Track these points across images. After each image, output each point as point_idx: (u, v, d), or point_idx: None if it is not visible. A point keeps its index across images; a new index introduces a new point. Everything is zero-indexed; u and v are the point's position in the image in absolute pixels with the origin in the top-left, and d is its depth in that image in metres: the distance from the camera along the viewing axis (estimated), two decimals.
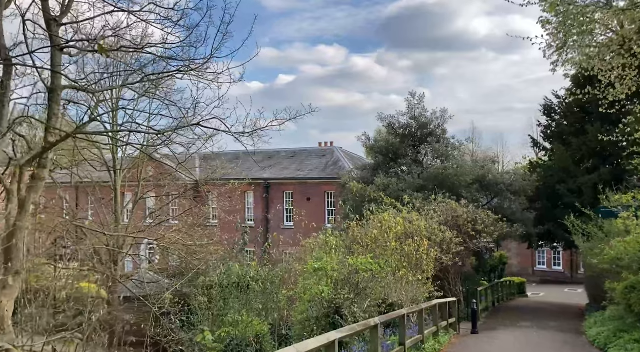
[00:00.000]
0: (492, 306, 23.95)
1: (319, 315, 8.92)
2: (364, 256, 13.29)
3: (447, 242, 17.93)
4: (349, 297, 9.06)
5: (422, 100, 25.00)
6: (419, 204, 19.30)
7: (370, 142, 25.56)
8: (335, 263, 10.00)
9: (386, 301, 13.38)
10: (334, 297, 8.94)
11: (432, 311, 13.68)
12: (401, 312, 9.67)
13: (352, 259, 9.82)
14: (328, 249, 12.36)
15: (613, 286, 13.88)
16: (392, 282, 13.61)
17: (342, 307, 8.89)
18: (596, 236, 17.67)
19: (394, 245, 12.95)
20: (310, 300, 9.01)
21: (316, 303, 8.96)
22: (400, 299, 13.43)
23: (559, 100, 26.42)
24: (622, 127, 21.09)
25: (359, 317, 8.94)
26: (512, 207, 22.88)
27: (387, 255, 13.33)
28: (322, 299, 8.88)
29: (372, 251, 12.59)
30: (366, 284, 9.92)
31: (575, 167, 24.25)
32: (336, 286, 9.40)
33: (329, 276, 9.40)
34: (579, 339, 15.67)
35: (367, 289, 9.97)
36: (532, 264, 44.74)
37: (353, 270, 9.62)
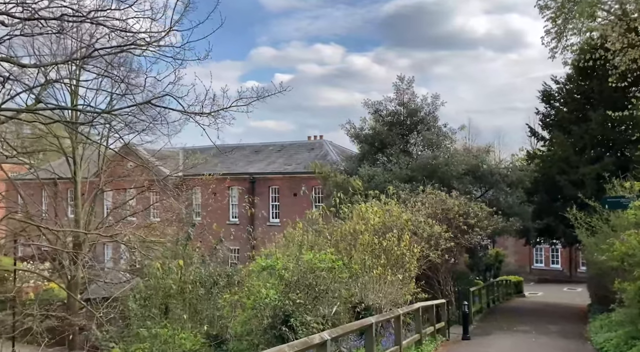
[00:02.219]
0: (487, 307, 22.11)
1: (263, 326, 7.04)
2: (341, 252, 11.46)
3: (436, 237, 16.07)
4: (301, 302, 7.17)
5: (411, 85, 23.13)
6: (404, 195, 17.43)
7: (354, 130, 23.64)
8: (288, 260, 8.13)
9: (362, 304, 11.62)
10: (283, 303, 7.06)
11: (415, 316, 11.81)
12: (366, 322, 7.79)
13: (307, 254, 7.94)
14: (296, 245, 10.55)
15: (623, 286, 12.02)
16: (368, 282, 11.78)
17: (292, 316, 7.01)
18: (601, 230, 15.83)
19: (367, 239, 11.06)
20: (254, 307, 7.13)
21: (260, 310, 7.08)
22: (377, 301, 11.61)
23: (559, 87, 24.59)
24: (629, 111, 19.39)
25: (312, 328, 7.06)
26: (509, 200, 21.02)
27: (361, 251, 11.48)
28: (265, 306, 7.00)
29: (346, 247, 10.75)
30: (327, 285, 8.03)
31: (577, 157, 22.42)
32: (288, 289, 7.52)
33: (279, 276, 7.51)
34: (584, 346, 13.83)
35: (328, 291, 8.08)
36: (529, 262, 42.99)
37: (309, 268, 7.73)
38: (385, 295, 11.97)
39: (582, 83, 23.13)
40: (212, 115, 13.40)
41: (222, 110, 13.18)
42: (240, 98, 12.83)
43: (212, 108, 13.03)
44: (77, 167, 20.64)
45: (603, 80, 22.50)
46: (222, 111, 13.24)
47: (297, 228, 11.84)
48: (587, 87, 22.81)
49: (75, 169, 20.61)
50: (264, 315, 7.03)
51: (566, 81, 23.75)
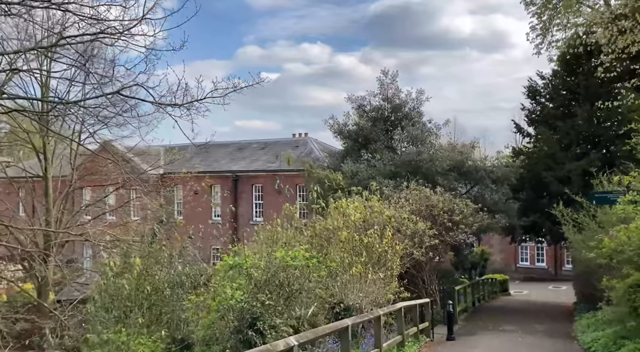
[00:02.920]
0: (472, 306, 21.69)
1: (229, 330, 6.43)
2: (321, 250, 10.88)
3: (420, 234, 15.57)
4: (270, 303, 6.55)
5: (395, 80, 22.61)
6: (387, 192, 16.90)
7: (338, 126, 23.06)
8: (260, 258, 7.51)
9: (341, 304, 11.05)
10: (250, 305, 6.45)
11: (398, 316, 11.27)
12: (341, 324, 7.21)
13: (279, 251, 7.33)
14: (270, 242, 9.95)
15: (612, 283, 11.60)
16: (348, 281, 11.21)
17: (261, 318, 6.40)
18: (588, 227, 15.46)
19: (345, 235, 10.49)
20: (218, 309, 6.50)
21: (224, 313, 6.46)
22: (357, 301, 11.04)
23: (545, 82, 24.27)
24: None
25: (283, 331, 6.46)
26: (494, 197, 20.61)
27: (339, 248, 10.91)
28: (230, 308, 6.38)
29: (322, 244, 10.17)
30: (301, 284, 7.43)
31: (563, 153, 22.11)
32: (257, 289, 6.90)
33: (247, 275, 6.89)
34: (572, 346, 13.41)
35: (302, 291, 7.48)
36: (515, 261, 42.86)
37: (280, 267, 7.12)
38: (367, 294, 11.42)
39: (567, 79, 22.84)
40: (185, 107, 12.76)
41: (195, 101, 12.58)
42: (215, 89, 12.13)
43: (184, 99, 12.41)
44: (48, 163, 19.75)
45: (589, 75, 22.22)
46: (196, 103, 12.68)
47: (274, 225, 11.28)
48: (573, 83, 22.52)
49: (46, 166, 19.72)
50: (228, 318, 6.40)
51: (552, 77, 23.43)
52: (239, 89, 12.57)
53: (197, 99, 12.63)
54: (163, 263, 8.35)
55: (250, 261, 7.12)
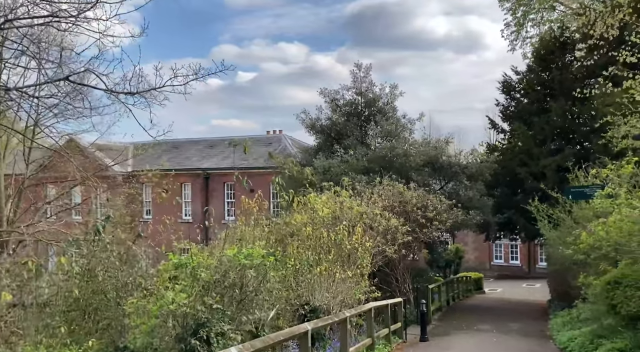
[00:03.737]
0: (447, 305, 21.26)
1: (171, 337, 5.62)
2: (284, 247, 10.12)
3: (392, 231, 14.95)
4: (219, 307, 5.77)
5: (368, 73, 22.00)
6: (359, 187, 16.24)
7: (310, 120, 22.32)
8: (211, 257, 6.71)
9: (308, 305, 10.32)
10: (195, 310, 5.65)
11: (367, 317, 10.59)
12: (298, 330, 6.46)
13: (231, 249, 6.54)
14: (238, 241, 9.15)
15: (589, 280, 11.18)
16: (315, 280, 10.48)
17: (207, 325, 5.61)
18: (564, 223, 15.09)
19: (309, 231, 9.75)
20: (159, 315, 5.69)
21: (165, 318, 5.64)
22: (324, 302, 10.33)
23: (519, 78, 24.01)
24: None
25: (231, 339, 5.68)
26: (469, 193, 20.18)
27: (303, 245, 10.18)
28: (170, 313, 5.57)
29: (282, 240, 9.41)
30: (257, 285, 6.66)
31: (538, 149, 21.85)
32: (205, 291, 6.10)
33: (193, 276, 6.08)
34: (547, 345, 12.97)
35: (258, 293, 6.71)
36: (489, 259, 42.90)
37: (231, 266, 6.34)
38: (335, 295, 10.71)
39: (542, 74, 22.63)
40: (141, 96, 11.86)
41: (153, 90, 11.68)
42: (174, 76, 11.29)
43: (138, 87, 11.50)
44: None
45: (563, 70, 22.06)
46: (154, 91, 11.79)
47: (238, 221, 10.50)
48: (547, 78, 22.31)
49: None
50: (169, 324, 5.58)
51: (527, 72, 23.19)
52: (202, 77, 11.78)
53: (154, 87, 11.76)
54: (106, 263, 7.44)
55: (198, 259, 6.31)
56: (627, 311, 9.09)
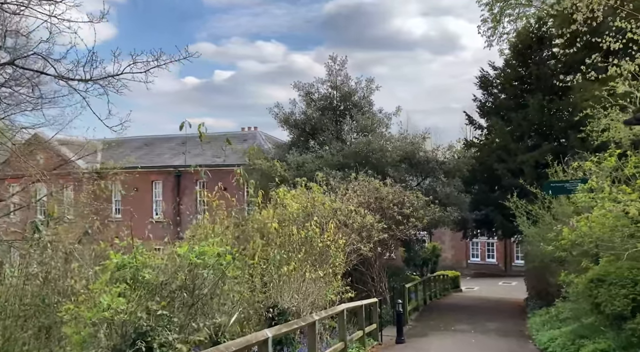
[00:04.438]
0: (424, 304, 20.77)
1: (101, 351, 4.81)
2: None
3: (368, 228, 14.33)
4: (164, 314, 4.99)
5: (344, 66, 21.32)
6: (333, 183, 15.57)
7: (284, 115, 21.54)
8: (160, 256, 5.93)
9: (276, 308, 9.59)
10: (136, 317, 4.87)
11: (339, 319, 9.90)
12: (255, 338, 5.72)
13: (182, 247, 5.76)
14: (205, 239, 8.36)
15: (570, 278, 10.72)
16: (284, 280, 9.76)
17: (149, 334, 4.82)
18: (543, 220, 14.71)
19: (274, 227, 9.01)
20: (95, 323, 4.88)
21: (100, 327, 4.84)
22: (294, 304, 9.61)
23: (497, 73, 23.69)
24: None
25: (178, 350, 4.90)
26: (446, 190, 19.71)
27: (274, 243, 9.46)
28: (104, 321, 4.77)
29: (246, 237, 8.64)
30: (213, 287, 5.90)
31: (515, 145, 21.53)
32: (151, 295, 5.31)
33: (133, 278, 5.29)
34: (527, 346, 12.51)
35: (213, 296, 5.95)
36: (466, 257, 42.80)
37: (180, 266, 5.56)
38: (306, 296, 10.00)
39: (519, 69, 22.32)
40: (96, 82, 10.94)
41: (110, 77, 10.79)
42: (133, 63, 10.43)
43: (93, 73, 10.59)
44: None
45: (541, 65, 21.79)
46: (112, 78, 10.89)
47: (202, 218, 9.70)
48: (525, 73, 22.01)
49: None
50: (100, 334, 4.78)
51: (504, 67, 22.87)
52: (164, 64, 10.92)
53: (112, 74, 10.86)
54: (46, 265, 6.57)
55: (143, 259, 5.51)
56: (612, 310, 8.61)
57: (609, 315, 8.81)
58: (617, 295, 8.72)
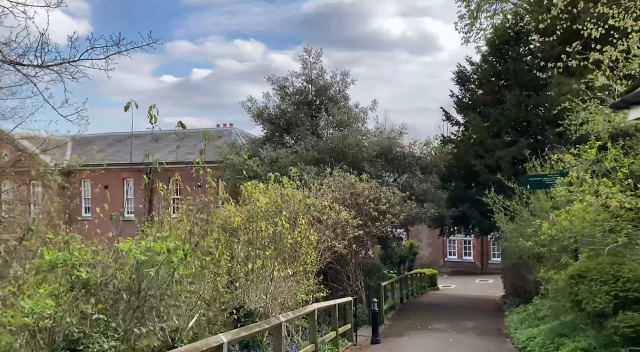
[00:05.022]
0: (401, 303, 20.36)
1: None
2: None
3: (343, 224, 13.82)
4: (101, 318, 4.33)
5: (319, 59, 20.77)
6: (307, 177, 15.02)
7: (257, 109, 20.85)
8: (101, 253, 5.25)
9: (242, 309, 9.00)
10: (66, 322, 4.20)
11: (310, 321, 9.33)
12: (209, 344, 5.10)
13: (125, 243, 5.11)
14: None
15: (549, 275, 10.37)
16: (251, 279, 9.18)
17: (82, 342, 4.16)
18: (520, 215, 14.41)
19: (237, 222, 8.40)
20: (19, 327, 4.19)
21: (21, 334, 4.16)
22: (261, 305, 9.02)
23: (474, 68, 23.44)
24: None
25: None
26: (423, 186, 19.33)
27: (242, 240, 8.85)
28: (25, 327, 4.09)
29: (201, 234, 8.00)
30: (164, 287, 5.25)
31: (493, 141, 21.30)
32: (88, 296, 4.65)
33: (66, 276, 4.62)
34: (505, 345, 12.14)
35: (163, 297, 5.30)
36: (443, 255, 42.76)
37: (125, 264, 4.91)
38: (275, 296, 9.42)
39: (497, 64, 22.10)
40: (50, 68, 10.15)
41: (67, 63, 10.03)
42: (91, 48, 9.67)
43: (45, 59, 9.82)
44: None
45: (518, 60, 21.61)
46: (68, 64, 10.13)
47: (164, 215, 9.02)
48: (502, 68, 21.79)
49: None
50: (20, 343, 4.11)
51: (481, 62, 22.62)
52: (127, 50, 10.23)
53: (69, 60, 10.10)
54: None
55: (81, 256, 4.84)
56: (593, 307, 8.24)
57: (590, 313, 8.44)
58: (598, 291, 8.35)
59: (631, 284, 8.20)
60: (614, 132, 11.39)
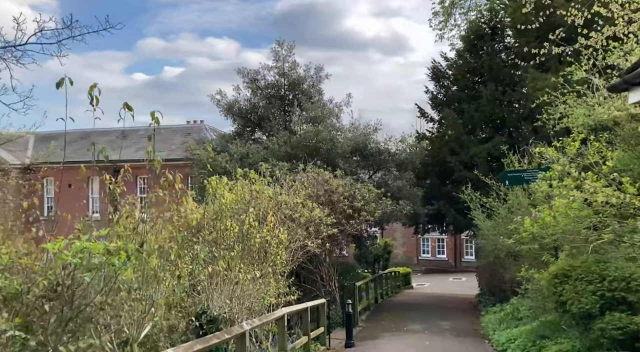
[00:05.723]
0: (375, 303, 19.86)
1: None
2: None
3: (316, 222, 13.16)
4: (18, 336, 3.55)
5: (292, 51, 20.05)
6: (279, 173, 14.29)
7: (227, 103, 19.98)
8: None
9: (205, 315, 8.26)
10: None
11: (279, 327, 8.64)
12: None
13: (53, 243, 4.32)
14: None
15: (530, 273, 9.94)
16: (218, 282, 8.44)
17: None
18: (498, 212, 14.04)
19: (197, 218, 7.66)
20: None
21: None
22: (226, 310, 8.28)
23: (448, 64, 23.11)
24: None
25: None
26: (398, 183, 18.85)
27: (206, 240, 8.10)
28: None
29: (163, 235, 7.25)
30: (104, 295, 4.48)
31: (468, 137, 21.00)
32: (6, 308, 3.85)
33: None
34: (483, 347, 11.71)
35: (104, 307, 4.53)
36: (417, 253, 42.62)
37: (54, 268, 4.13)
38: (241, 300, 8.68)
39: (472, 60, 21.80)
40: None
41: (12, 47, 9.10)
42: (40, 30, 8.77)
43: None
44: None
45: (493, 56, 21.36)
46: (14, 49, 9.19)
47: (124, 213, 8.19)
48: (477, 64, 21.50)
49: None
50: None
51: (456, 57, 22.29)
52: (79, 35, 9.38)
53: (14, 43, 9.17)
54: None
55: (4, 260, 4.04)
56: (579, 309, 7.80)
57: (576, 314, 8.01)
58: (584, 291, 7.93)
59: (618, 283, 7.80)
60: (594, 126, 11.08)
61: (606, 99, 11.48)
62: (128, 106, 5.53)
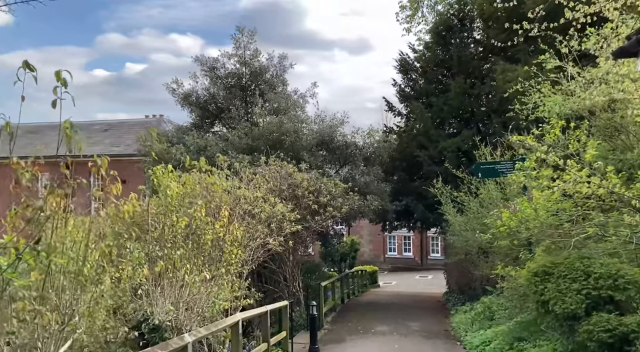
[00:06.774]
0: (342, 303, 19.01)
1: None
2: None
3: (279, 218, 12.20)
4: None
5: (253, 38, 18.95)
6: (239, 166, 13.25)
7: (183, 92, 18.72)
8: None
9: (148, 322, 7.19)
10: None
11: (234, 334, 7.62)
12: None
13: None
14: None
15: (507, 271, 9.26)
16: (163, 286, 7.37)
17: None
18: (469, 207, 13.43)
19: (132, 212, 6.57)
20: None
21: None
22: (171, 317, 7.22)
23: (416, 56, 22.50)
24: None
25: None
26: (365, 178, 18.07)
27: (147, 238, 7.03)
28: None
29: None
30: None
31: (437, 131, 20.41)
32: None
33: None
34: (455, 350, 11.00)
35: None
36: (383, 251, 42.17)
37: None
38: (189, 305, 7.63)
39: (440, 52, 21.24)
40: None
41: None
42: None
43: None
44: None
45: (462, 48, 20.86)
46: None
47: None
48: (446, 57, 20.95)
49: None
50: None
51: (424, 49, 21.67)
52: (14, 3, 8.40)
53: None
54: None
55: None
56: (563, 309, 7.12)
57: (560, 315, 7.32)
58: (567, 290, 7.24)
59: (604, 281, 7.14)
60: (570, 115, 10.56)
61: (582, 88, 11.03)
62: (28, 65, 4.43)
